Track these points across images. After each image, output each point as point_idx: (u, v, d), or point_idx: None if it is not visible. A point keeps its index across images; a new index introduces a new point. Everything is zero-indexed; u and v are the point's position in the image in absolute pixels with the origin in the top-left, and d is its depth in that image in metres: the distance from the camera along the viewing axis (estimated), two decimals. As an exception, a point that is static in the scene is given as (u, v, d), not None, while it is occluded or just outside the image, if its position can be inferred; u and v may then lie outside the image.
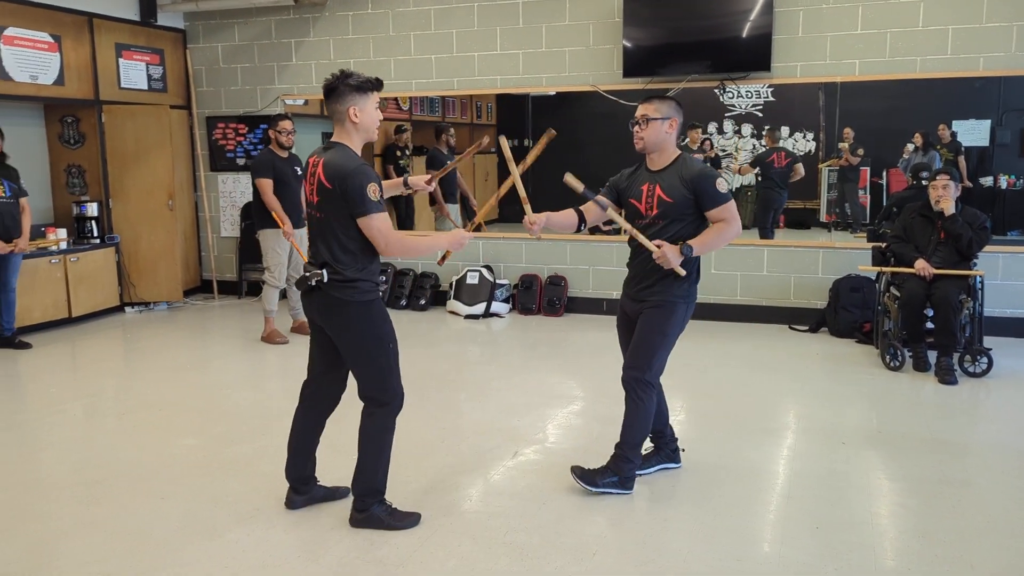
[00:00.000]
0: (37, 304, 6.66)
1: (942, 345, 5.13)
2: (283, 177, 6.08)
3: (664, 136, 3.34)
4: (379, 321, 3.07)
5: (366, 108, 3.00)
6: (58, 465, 3.91)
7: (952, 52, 6.09)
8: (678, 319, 3.38)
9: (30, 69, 6.67)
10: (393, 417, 3.16)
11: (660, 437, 3.72)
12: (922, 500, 3.40)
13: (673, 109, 3.35)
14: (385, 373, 3.09)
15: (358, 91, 2.98)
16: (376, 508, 3.17)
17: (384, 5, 7.47)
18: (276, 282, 6.22)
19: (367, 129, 3.04)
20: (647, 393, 3.40)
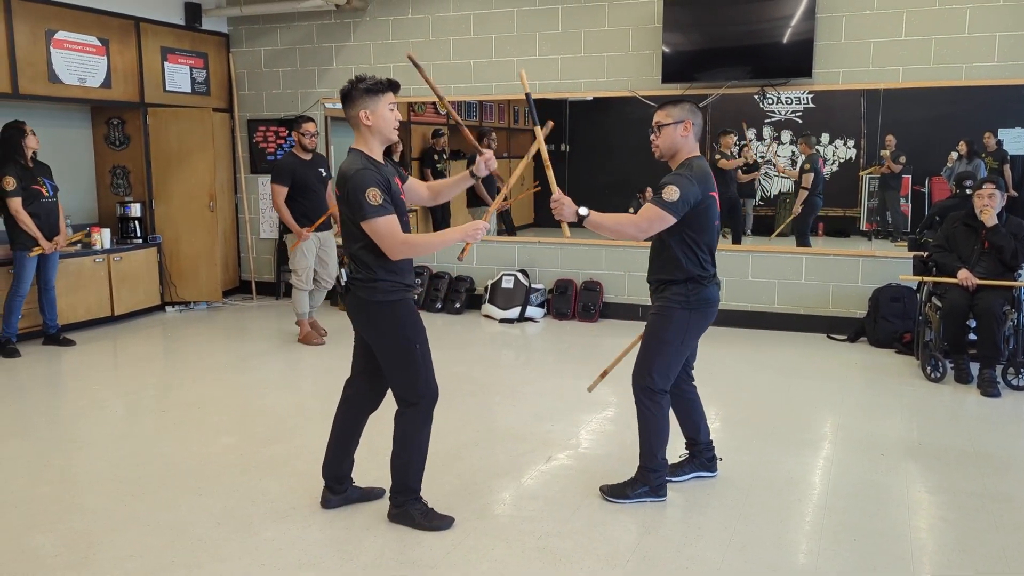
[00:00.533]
0: (81, 302, 6.81)
1: (985, 357, 5.03)
2: (304, 181, 6.12)
3: (678, 140, 3.30)
4: (404, 321, 3.07)
5: (378, 110, 3.02)
6: (99, 461, 4.00)
7: (999, 59, 5.97)
8: (677, 325, 3.30)
9: (78, 72, 6.84)
10: (423, 417, 3.16)
11: (694, 444, 3.69)
12: (963, 515, 3.33)
13: (686, 111, 3.29)
14: (411, 373, 3.10)
15: (368, 93, 3.00)
16: (411, 505, 3.20)
17: (424, 10, 7.53)
18: (303, 285, 6.26)
19: (381, 131, 3.05)
20: (651, 400, 3.36)
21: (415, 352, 3.09)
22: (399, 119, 3.10)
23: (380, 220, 2.93)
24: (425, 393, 3.13)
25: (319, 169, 6.26)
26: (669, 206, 3.15)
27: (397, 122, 3.08)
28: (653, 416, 3.37)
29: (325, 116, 8.07)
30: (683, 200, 3.16)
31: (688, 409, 3.64)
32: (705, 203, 3.24)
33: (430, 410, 3.17)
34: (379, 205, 2.93)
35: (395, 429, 3.19)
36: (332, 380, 5.42)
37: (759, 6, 6.46)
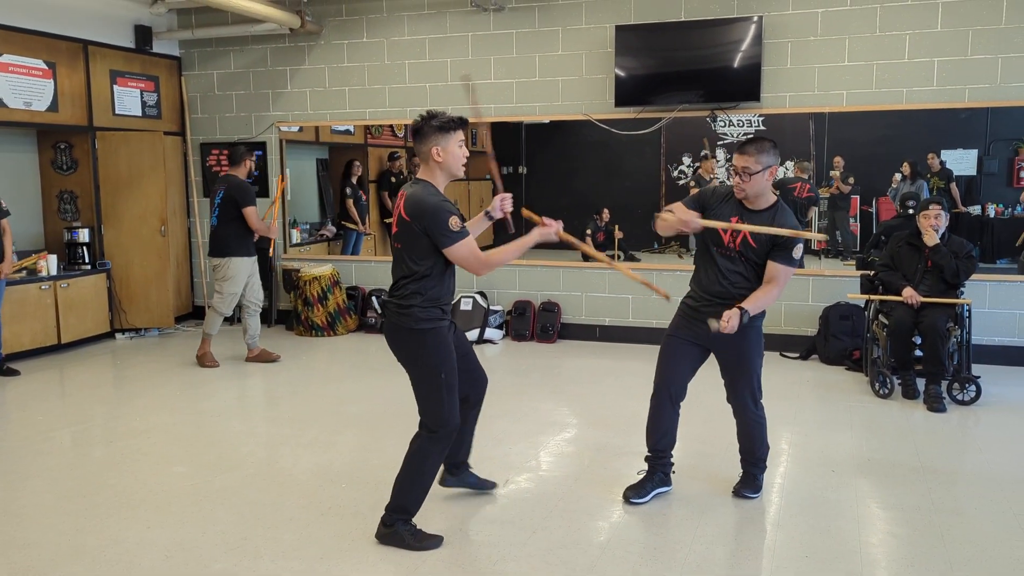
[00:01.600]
0: (26, 330, 6.63)
1: (930, 373, 5.15)
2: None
3: (766, 186, 3.41)
4: (432, 350, 3.15)
5: (448, 147, 3.14)
6: (45, 494, 3.88)
7: (938, 84, 6.18)
8: (761, 339, 3.61)
9: (24, 95, 6.70)
10: (438, 446, 3.22)
11: (660, 458, 3.71)
12: (912, 529, 3.40)
13: (772, 156, 3.37)
14: (435, 402, 3.17)
15: (440, 131, 3.13)
16: (401, 527, 3.23)
17: (379, 34, 7.55)
18: (224, 309, 6.32)
19: (450, 167, 3.18)
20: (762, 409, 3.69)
21: (440, 380, 3.17)
22: (467, 155, 3.22)
23: (462, 245, 3.09)
24: (448, 422, 3.20)
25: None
26: (800, 263, 3.48)
27: (465, 158, 3.21)
28: (765, 421, 3.70)
29: (280, 140, 8.02)
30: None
31: (675, 421, 3.73)
32: None
33: (446, 440, 3.23)
34: (459, 231, 3.08)
35: (408, 450, 3.25)
36: (286, 406, 5.36)
37: (709, 32, 6.60)
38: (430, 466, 3.23)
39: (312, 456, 4.33)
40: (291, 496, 3.77)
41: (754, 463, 3.74)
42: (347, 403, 5.38)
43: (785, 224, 3.38)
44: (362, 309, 7.78)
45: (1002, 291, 6.22)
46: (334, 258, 8.25)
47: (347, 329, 7.65)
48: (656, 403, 3.69)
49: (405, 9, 7.43)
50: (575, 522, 3.48)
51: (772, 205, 3.44)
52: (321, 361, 6.67)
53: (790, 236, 3.34)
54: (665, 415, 3.67)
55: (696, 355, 3.65)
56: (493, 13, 7.18)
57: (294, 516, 3.55)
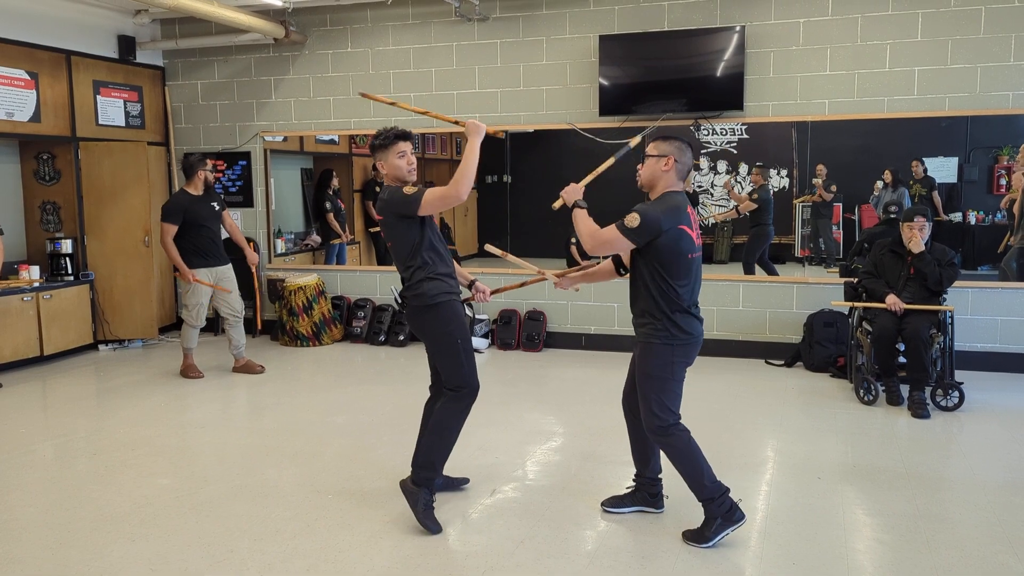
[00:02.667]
0: (8, 342, 6.57)
1: (914, 379, 5.19)
2: (199, 218, 6.12)
3: (658, 173, 3.33)
4: (446, 320, 3.53)
5: (388, 160, 3.54)
6: (26, 508, 3.84)
7: (919, 92, 6.25)
8: (662, 360, 3.28)
9: (6, 106, 6.66)
10: (462, 403, 3.55)
11: (640, 477, 3.67)
12: (897, 535, 3.42)
13: (673, 148, 3.32)
14: (456, 363, 3.53)
15: (380, 148, 3.55)
16: (424, 492, 3.51)
17: (363, 44, 7.56)
18: (193, 321, 6.25)
19: (395, 177, 3.56)
20: (667, 436, 3.32)
21: (458, 345, 3.53)
22: (412, 163, 3.56)
23: (427, 193, 3.41)
24: (468, 382, 3.55)
25: (212, 204, 6.24)
26: (627, 231, 3.21)
27: (411, 166, 3.56)
28: (678, 450, 3.33)
29: (264, 149, 8.00)
30: (643, 227, 3.17)
31: (644, 441, 3.58)
32: (673, 235, 3.20)
33: (470, 400, 3.56)
34: (417, 191, 3.42)
35: (436, 412, 3.59)
36: (271, 417, 5.32)
37: (692, 41, 6.65)
38: (456, 423, 3.56)
39: (298, 467, 4.31)
40: (277, 508, 3.74)
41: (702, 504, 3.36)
42: (333, 414, 5.35)
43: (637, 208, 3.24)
44: (347, 319, 7.75)
45: (984, 298, 6.28)
46: (319, 268, 8.23)
47: (332, 339, 7.62)
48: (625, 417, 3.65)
49: (389, 19, 7.45)
50: (562, 531, 3.48)
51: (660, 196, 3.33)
52: (306, 371, 6.64)
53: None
54: (630, 430, 3.61)
55: None
56: (477, 23, 7.21)
57: (280, 528, 3.53)
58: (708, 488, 3.33)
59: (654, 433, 3.35)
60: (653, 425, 3.33)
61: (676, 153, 3.32)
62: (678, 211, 3.25)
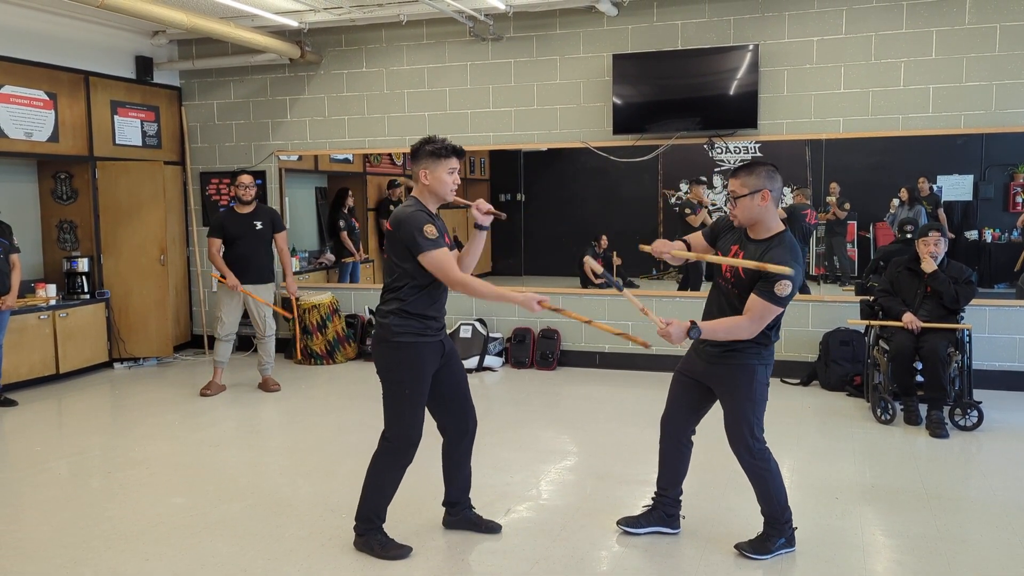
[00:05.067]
0: (24, 361, 6.61)
1: (932, 398, 5.14)
2: (233, 234, 6.26)
3: (758, 211, 3.18)
4: (402, 364, 3.26)
5: (436, 172, 3.27)
6: (41, 526, 3.85)
7: (934, 110, 6.23)
8: (759, 381, 3.30)
9: (25, 126, 6.74)
10: (392, 456, 3.32)
11: (663, 495, 3.62)
12: (918, 557, 3.37)
13: (763, 179, 3.17)
14: (394, 414, 3.31)
15: (432, 156, 3.27)
16: (370, 536, 3.38)
17: (378, 64, 7.62)
18: (218, 333, 6.35)
19: (436, 191, 3.30)
20: (761, 458, 3.33)
21: (404, 395, 3.28)
22: (457, 182, 3.32)
23: (436, 252, 3.17)
24: (400, 434, 3.30)
25: (255, 222, 6.31)
26: (783, 301, 3.10)
27: (455, 185, 3.31)
28: (769, 472, 3.34)
29: (279, 168, 8.06)
30: (794, 292, 3.12)
31: (678, 459, 3.57)
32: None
33: (402, 452, 3.32)
34: (435, 239, 3.18)
35: (372, 459, 3.39)
36: (286, 436, 5.32)
37: (705, 60, 6.67)
38: (386, 474, 3.34)
39: (312, 486, 4.30)
40: (291, 527, 3.73)
41: (766, 521, 3.42)
42: (347, 432, 5.35)
43: (774, 259, 3.08)
44: (361, 337, 7.76)
45: (1002, 316, 6.22)
46: (333, 286, 8.25)
47: (346, 357, 7.63)
48: (660, 439, 3.61)
49: (404, 39, 7.51)
50: (577, 552, 3.45)
51: (772, 236, 3.19)
52: (320, 390, 6.64)
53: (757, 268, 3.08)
54: (666, 453, 3.59)
55: (697, 395, 3.47)
56: (491, 43, 7.25)
57: (294, 548, 3.51)
58: (786, 511, 3.38)
59: (750, 454, 3.33)
60: (751, 447, 3.32)
61: (768, 183, 3.18)
62: (800, 255, 3.20)
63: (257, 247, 6.32)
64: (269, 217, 6.43)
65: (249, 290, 6.30)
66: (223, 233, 6.25)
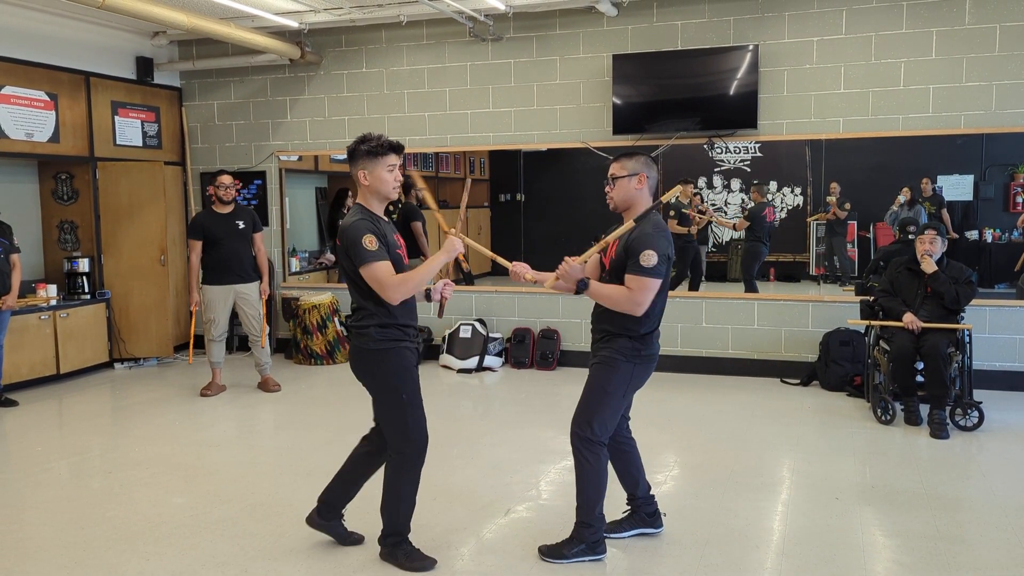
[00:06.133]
0: (25, 361, 6.61)
1: (933, 398, 5.14)
2: (215, 236, 6.21)
3: (633, 193, 3.25)
4: (392, 369, 3.18)
5: (375, 171, 3.14)
6: (42, 526, 3.85)
7: (934, 110, 6.23)
8: (621, 377, 3.24)
9: (26, 127, 6.75)
10: (410, 464, 3.25)
11: (633, 499, 3.62)
12: (917, 558, 3.37)
13: (641, 164, 3.25)
14: (396, 422, 3.21)
15: (368, 155, 3.13)
16: (397, 547, 3.30)
17: (378, 64, 7.62)
18: (212, 335, 6.31)
19: (378, 191, 3.17)
20: (590, 451, 3.26)
21: (401, 400, 3.20)
22: (399, 179, 3.19)
23: (376, 265, 3.06)
24: (411, 439, 3.22)
25: (236, 222, 6.28)
26: (653, 271, 3.10)
27: (397, 183, 3.18)
28: (592, 468, 3.27)
29: (279, 169, 8.06)
30: (661, 260, 3.12)
31: (626, 463, 3.55)
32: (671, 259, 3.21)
33: (416, 457, 3.26)
34: (375, 251, 3.06)
35: (384, 475, 3.29)
36: (285, 436, 5.32)
37: (705, 60, 6.67)
38: (408, 484, 3.26)
39: (312, 486, 4.28)
40: (291, 527, 3.73)
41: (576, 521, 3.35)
42: (347, 432, 5.34)
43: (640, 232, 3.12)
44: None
45: (1002, 316, 6.22)
46: (333, 286, 8.25)
47: (346, 358, 7.63)
48: None
49: (404, 40, 7.51)
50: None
51: (641, 216, 3.17)
52: (320, 390, 6.64)
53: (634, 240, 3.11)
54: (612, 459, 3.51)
55: None
56: (491, 43, 7.26)
57: (294, 548, 3.52)
58: (594, 515, 3.33)
59: (582, 443, 3.26)
60: (586, 436, 3.24)
61: (645, 168, 3.26)
62: (668, 233, 3.23)
63: (240, 247, 6.29)
64: (250, 217, 6.42)
65: (239, 290, 6.28)
66: (203, 234, 6.20)
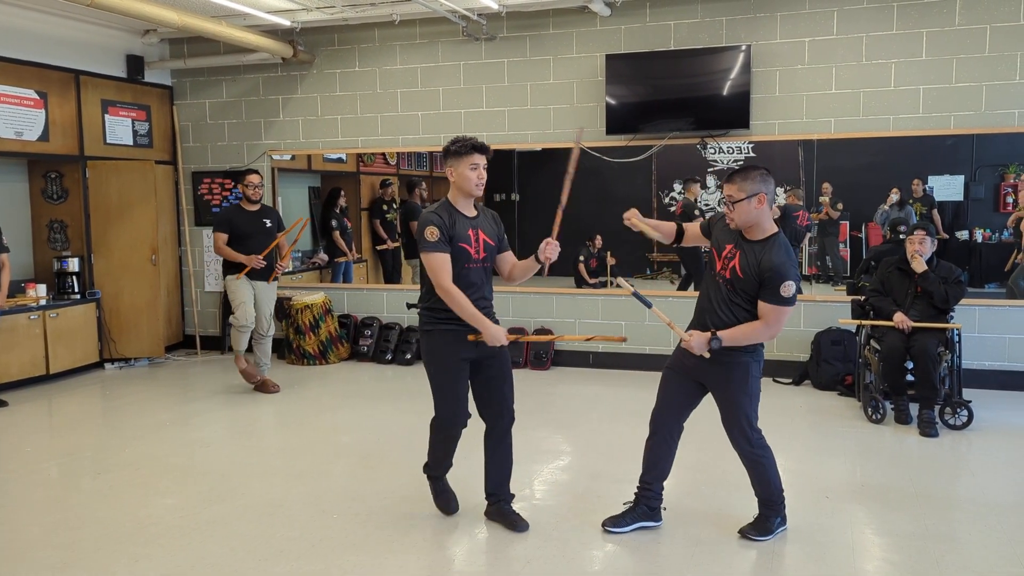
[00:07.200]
0: (14, 361, 6.58)
1: (923, 397, 5.16)
2: (243, 230, 6.24)
3: (755, 214, 3.29)
4: (434, 349, 3.61)
5: (459, 169, 3.48)
6: (31, 527, 3.83)
7: (924, 111, 6.25)
8: (753, 376, 3.43)
9: (15, 125, 6.71)
10: (436, 428, 3.71)
11: (647, 489, 3.65)
12: (907, 556, 3.38)
13: (758, 183, 3.27)
14: (435, 393, 3.66)
15: (455, 154, 3.48)
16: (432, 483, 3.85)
17: (371, 63, 7.61)
18: (236, 321, 6.26)
19: (461, 186, 3.51)
20: (760, 446, 3.50)
21: (440, 378, 3.64)
22: (482, 178, 3.50)
23: (433, 255, 3.42)
24: (439, 413, 3.66)
25: (264, 220, 6.32)
26: (790, 301, 3.25)
27: (480, 180, 3.49)
28: (767, 459, 3.51)
29: (272, 168, 8.04)
30: (798, 289, 3.27)
31: (668, 454, 3.65)
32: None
33: (442, 428, 3.69)
34: (435, 241, 3.41)
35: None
36: (277, 436, 5.32)
37: (698, 61, 6.68)
38: (434, 441, 3.76)
39: (303, 487, 4.30)
40: (282, 528, 3.73)
41: (763, 503, 3.57)
42: (339, 433, 5.34)
43: (773, 259, 3.22)
44: (354, 337, 7.75)
45: (991, 316, 6.25)
46: (326, 286, 8.24)
47: (339, 358, 7.62)
48: (650, 435, 3.67)
49: (397, 39, 7.50)
50: (569, 551, 3.46)
51: (767, 238, 3.30)
52: (313, 390, 6.63)
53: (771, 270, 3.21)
54: (654, 448, 3.64)
55: (689, 390, 3.56)
56: (485, 42, 7.25)
57: (285, 548, 3.51)
58: (780, 497, 3.56)
59: (747, 445, 3.48)
60: (752, 439, 3.48)
61: (763, 187, 3.29)
62: (792, 253, 3.35)
63: (267, 245, 6.29)
64: (276, 217, 6.49)
65: (259, 287, 6.29)
66: (231, 229, 6.21)
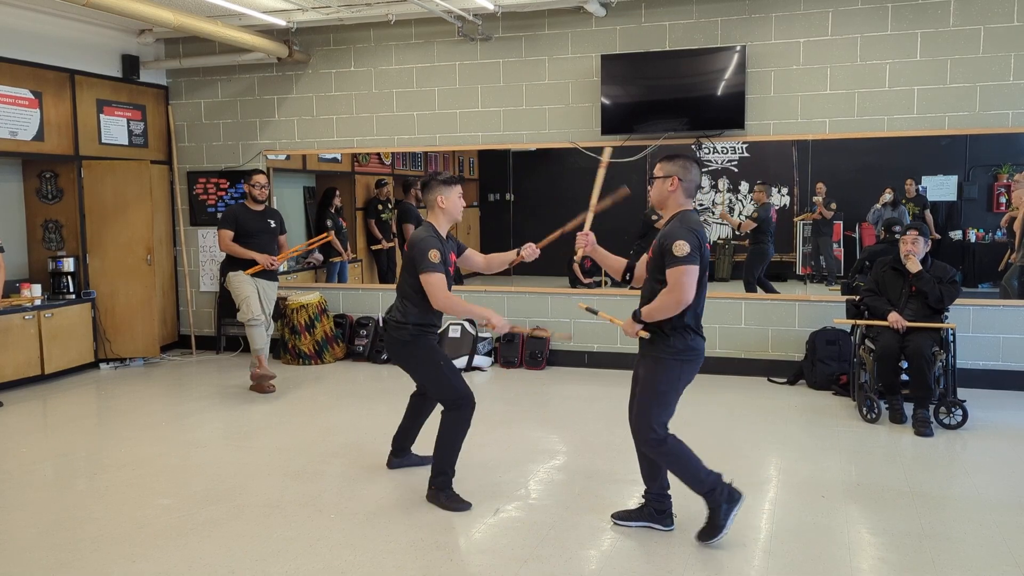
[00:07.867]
0: (9, 361, 6.56)
1: (918, 397, 5.18)
2: (248, 230, 6.29)
3: (666, 194, 3.43)
4: (425, 348, 3.93)
5: (450, 197, 3.94)
6: (26, 528, 3.82)
7: (918, 112, 6.27)
8: (670, 375, 3.39)
9: (9, 125, 6.69)
10: (461, 416, 3.90)
11: (648, 492, 3.68)
12: (902, 555, 3.40)
13: (677, 167, 3.41)
14: (445, 384, 3.92)
15: (444, 184, 3.94)
16: (443, 491, 3.92)
17: (367, 63, 7.61)
18: (244, 316, 6.27)
19: (450, 212, 3.96)
20: (663, 446, 3.44)
21: (441, 367, 3.93)
22: (464, 206, 4.03)
23: (434, 275, 3.81)
24: (462, 395, 3.89)
25: (268, 220, 6.40)
26: (688, 259, 3.24)
27: (464, 207, 4.01)
28: (675, 458, 3.47)
29: (267, 167, 8.03)
30: (694, 247, 3.26)
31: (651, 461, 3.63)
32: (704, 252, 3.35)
33: (465, 410, 3.90)
34: (436, 263, 3.81)
35: (440, 427, 3.94)
36: (273, 436, 5.31)
37: (693, 61, 6.69)
38: (458, 435, 3.92)
39: (299, 487, 4.29)
40: (278, 528, 3.73)
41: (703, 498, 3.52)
42: (335, 432, 5.34)
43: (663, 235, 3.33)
44: (350, 337, 7.75)
45: (985, 315, 6.27)
46: (321, 286, 8.24)
47: (335, 357, 7.61)
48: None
49: (392, 39, 7.50)
50: (566, 551, 3.46)
51: (672, 218, 3.40)
52: (308, 390, 6.63)
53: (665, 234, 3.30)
54: (640, 458, 3.66)
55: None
56: (480, 43, 7.26)
57: (281, 548, 3.51)
58: (707, 483, 3.46)
59: (649, 445, 3.45)
60: (651, 439, 3.44)
61: (680, 172, 3.42)
62: (701, 228, 3.36)
63: (269, 245, 6.37)
64: (279, 218, 6.57)
65: (262, 285, 6.32)
66: (236, 227, 6.25)
